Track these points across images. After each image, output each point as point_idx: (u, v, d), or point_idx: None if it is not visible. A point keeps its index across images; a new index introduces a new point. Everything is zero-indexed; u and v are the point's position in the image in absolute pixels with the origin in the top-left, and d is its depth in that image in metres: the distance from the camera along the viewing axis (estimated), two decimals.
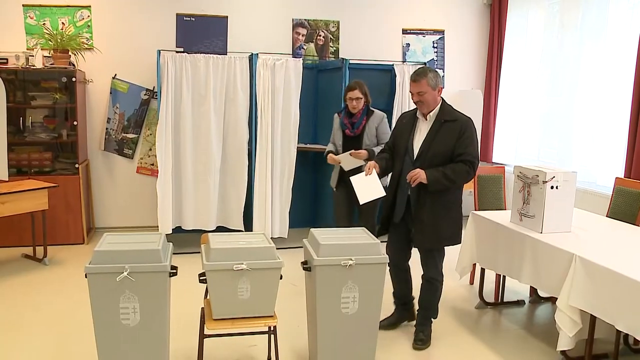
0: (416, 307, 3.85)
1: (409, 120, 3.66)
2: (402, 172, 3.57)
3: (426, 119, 3.54)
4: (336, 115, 4.73)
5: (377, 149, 4.35)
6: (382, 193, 3.66)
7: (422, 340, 3.67)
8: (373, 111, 4.54)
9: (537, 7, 6.54)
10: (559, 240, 3.48)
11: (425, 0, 7.12)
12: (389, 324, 3.92)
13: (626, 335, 3.61)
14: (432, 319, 3.78)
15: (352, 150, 4.36)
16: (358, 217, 4.62)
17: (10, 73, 5.67)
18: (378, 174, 3.66)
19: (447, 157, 3.45)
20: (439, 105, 3.53)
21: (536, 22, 6.57)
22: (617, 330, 3.01)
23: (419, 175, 3.40)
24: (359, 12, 6.89)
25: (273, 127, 5.65)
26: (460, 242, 3.66)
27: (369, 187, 3.64)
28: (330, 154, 4.55)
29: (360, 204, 3.71)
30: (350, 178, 3.73)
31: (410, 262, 3.87)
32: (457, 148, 3.43)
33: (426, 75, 3.46)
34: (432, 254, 3.61)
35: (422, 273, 3.70)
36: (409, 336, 3.79)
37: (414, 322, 3.85)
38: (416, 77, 3.48)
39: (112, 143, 6.39)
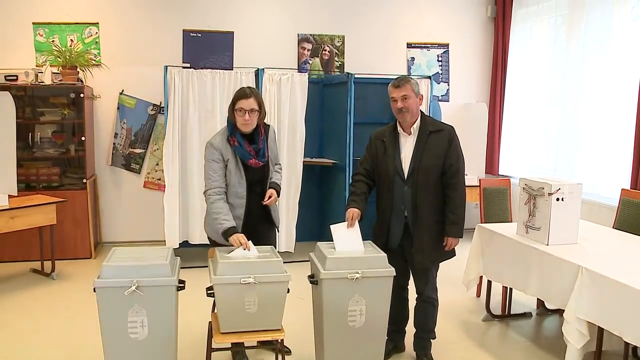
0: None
1: (390, 138, 3.42)
2: (394, 195, 3.37)
3: (409, 133, 3.38)
4: (220, 140, 3.34)
5: (278, 179, 3.53)
6: (362, 250, 3.23)
7: None
8: (268, 125, 3.52)
9: (540, 20, 6.58)
10: (566, 252, 3.48)
11: (430, 14, 7.17)
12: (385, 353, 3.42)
13: (635, 347, 3.59)
14: (431, 341, 3.67)
15: (265, 200, 3.39)
16: None
17: (19, 89, 5.74)
18: (359, 221, 3.33)
19: (439, 169, 3.32)
20: (419, 117, 3.38)
21: (540, 35, 6.61)
22: (625, 342, 3.00)
23: (451, 242, 3.37)
24: (363, 27, 6.94)
25: (279, 142, 5.68)
26: (455, 255, 3.53)
27: (349, 240, 3.24)
28: (237, 236, 3.11)
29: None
30: (331, 226, 3.27)
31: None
32: (448, 158, 3.32)
33: (409, 81, 3.32)
34: (430, 272, 3.50)
35: (417, 294, 3.58)
36: (409, 349, 3.79)
37: (402, 353, 3.76)
38: (399, 82, 3.32)
39: (119, 158, 6.44)
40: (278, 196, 3.47)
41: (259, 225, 3.52)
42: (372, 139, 3.54)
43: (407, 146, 3.39)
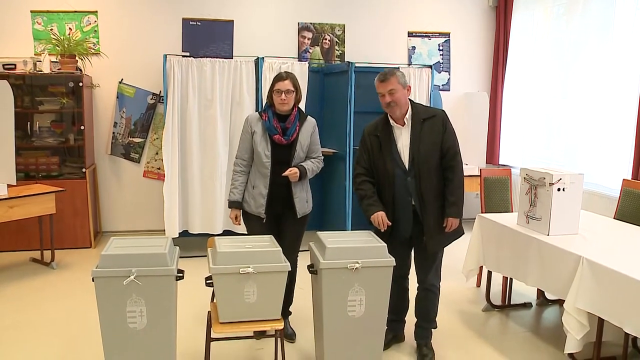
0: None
1: (384, 132, 3.39)
2: (395, 187, 3.35)
3: (403, 124, 3.35)
4: (255, 115, 3.69)
5: (308, 165, 3.66)
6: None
7: (426, 356, 3.56)
8: (306, 116, 3.74)
9: (542, 9, 6.53)
10: (566, 242, 3.46)
11: (431, 3, 7.12)
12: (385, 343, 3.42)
13: (635, 338, 3.59)
14: (432, 330, 3.66)
15: (285, 172, 3.54)
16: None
17: (18, 78, 5.71)
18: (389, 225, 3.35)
19: (437, 155, 3.32)
20: (409, 107, 3.37)
21: (542, 24, 6.56)
22: (625, 332, 2.99)
23: (452, 223, 3.35)
24: (364, 16, 6.90)
25: None
26: (464, 233, 3.51)
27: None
28: (234, 211, 3.65)
29: None
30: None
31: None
32: (445, 142, 3.32)
33: (394, 73, 3.29)
34: (436, 257, 3.50)
35: (419, 283, 3.57)
36: (409, 339, 3.79)
37: (402, 342, 3.77)
38: (384, 76, 3.29)
39: (118, 147, 6.42)
40: (301, 178, 3.60)
41: (285, 214, 3.67)
42: (365, 135, 3.50)
43: (404, 137, 3.37)
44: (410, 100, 3.40)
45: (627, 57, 5.21)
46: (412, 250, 3.56)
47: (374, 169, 3.45)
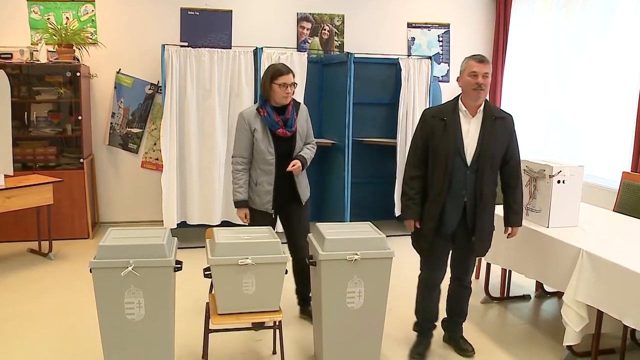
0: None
1: (451, 117, 3.18)
2: (452, 177, 3.16)
3: (473, 115, 3.19)
4: (252, 111, 3.60)
5: (306, 154, 3.70)
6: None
7: (467, 350, 3.57)
8: (299, 103, 3.73)
9: (542, 0, 6.49)
10: (566, 234, 3.46)
11: None
12: (423, 351, 3.54)
13: (633, 331, 3.59)
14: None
15: (289, 167, 3.56)
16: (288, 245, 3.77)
17: (14, 68, 5.67)
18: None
19: (501, 156, 3.22)
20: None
21: (541, 15, 6.53)
22: (624, 325, 2.99)
23: (515, 232, 3.41)
24: (363, 6, 6.85)
25: None
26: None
27: None
28: (242, 210, 3.63)
29: None
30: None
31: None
32: (511, 147, 3.24)
33: (489, 61, 3.18)
34: (474, 258, 3.48)
35: (457, 280, 3.55)
36: (409, 333, 3.78)
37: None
38: (483, 58, 3.14)
39: (116, 138, 6.39)
40: (303, 168, 3.65)
41: (289, 203, 3.70)
42: (427, 117, 3.27)
43: (471, 129, 3.21)
44: None
45: (628, 49, 5.18)
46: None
47: (431, 153, 3.24)
